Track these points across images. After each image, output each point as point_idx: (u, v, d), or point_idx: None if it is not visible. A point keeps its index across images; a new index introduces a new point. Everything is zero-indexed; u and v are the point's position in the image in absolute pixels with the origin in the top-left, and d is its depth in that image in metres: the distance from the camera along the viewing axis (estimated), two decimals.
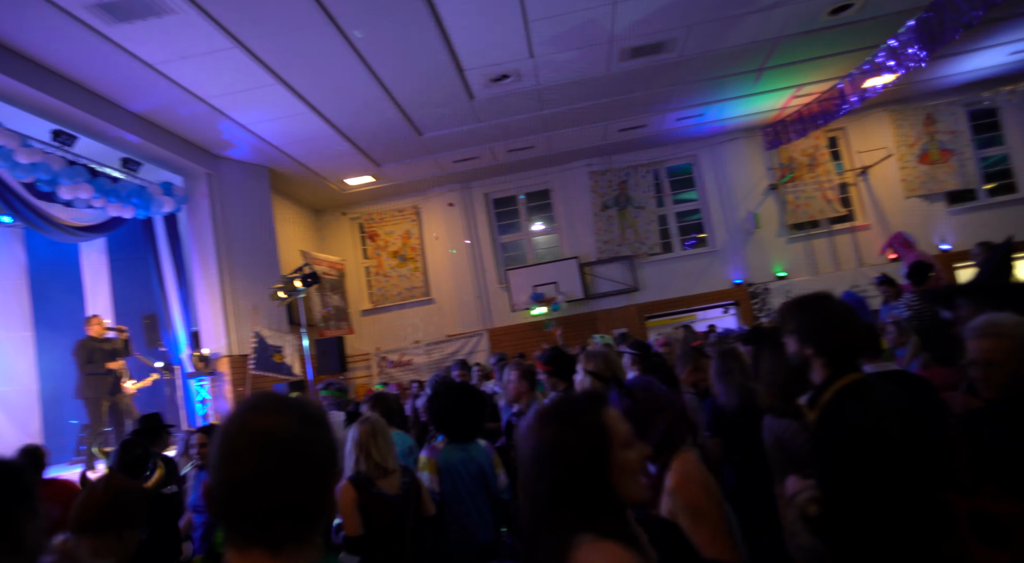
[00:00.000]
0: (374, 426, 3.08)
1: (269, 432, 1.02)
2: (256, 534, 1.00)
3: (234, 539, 1.02)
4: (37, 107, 6.80)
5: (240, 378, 8.96)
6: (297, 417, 1.05)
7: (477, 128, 10.16)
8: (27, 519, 1.27)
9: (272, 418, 1.04)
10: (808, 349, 2.09)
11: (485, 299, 12.62)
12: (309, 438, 1.04)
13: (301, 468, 1.03)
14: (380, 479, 2.99)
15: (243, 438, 1.02)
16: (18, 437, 9.26)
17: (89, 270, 9.78)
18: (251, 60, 6.97)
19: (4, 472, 1.29)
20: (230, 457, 1.02)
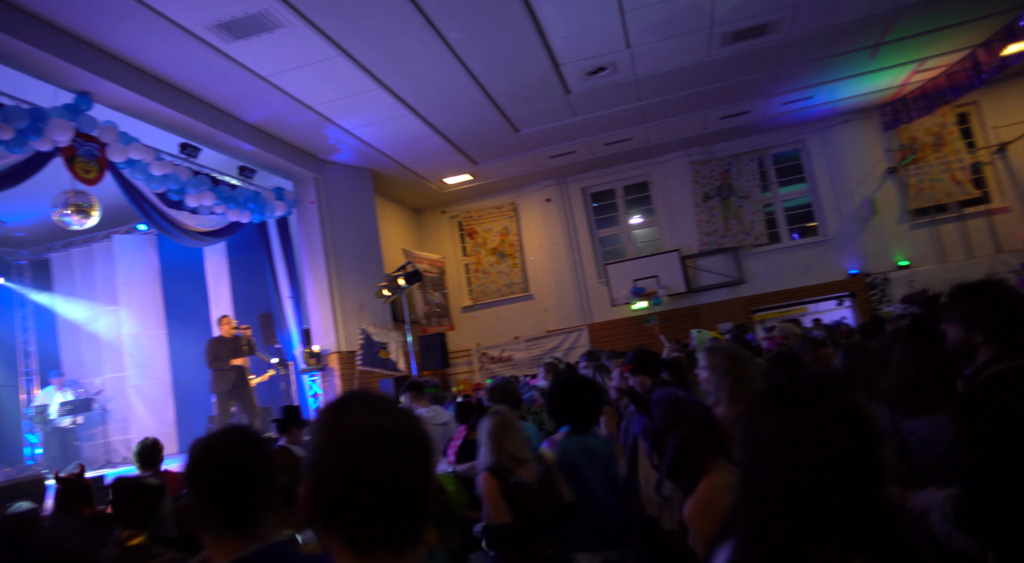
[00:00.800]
0: (504, 418, 3.11)
1: (386, 428, 0.98)
2: (379, 536, 0.95)
3: (353, 544, 0.95)
4: (167, 123, 7.35)
5: (349, 373, 9.34)
6: (401, 412, 1.02)
7: (573, 122, 10.06)
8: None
9: (381, 415, 1.00)
10: (978, 336, 1.99)
11: (584, 294, 12.51)
12: (420, 431, 1.02)
13: (424, 462, 1.00)
14: (517, 468, 3.02)
15: (362, 435, 0.97)
16: (155, 426, 10.13)
17: (212, 272, 10.51)
18: (354, 67, 7.22)
19: (255, 442, 1.37)
20: (349, 455, 0.96)
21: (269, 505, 1.33)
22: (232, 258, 10.39)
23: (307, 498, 0.96)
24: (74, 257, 11.38)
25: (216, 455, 1.35)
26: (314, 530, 0.98)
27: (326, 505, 0.95)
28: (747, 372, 2.70)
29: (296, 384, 9.51)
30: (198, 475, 1.34)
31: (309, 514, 0.96)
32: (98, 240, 10.95)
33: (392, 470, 0.95)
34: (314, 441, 0.99)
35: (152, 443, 4.22)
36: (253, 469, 1.34)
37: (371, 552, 0.95)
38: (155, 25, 5.93)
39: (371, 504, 0.94)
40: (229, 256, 10.39)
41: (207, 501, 1.31)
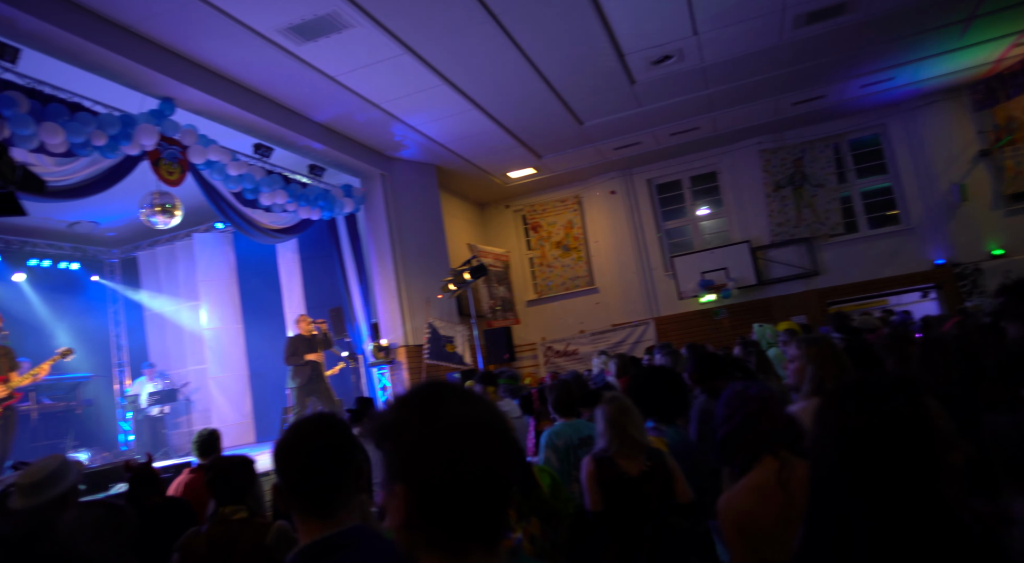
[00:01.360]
0: (622, 403, 3.10)
1: (482, 420, 0.96)
2: (476, 532, 0.92)
3: (447, 542, 0.92)
4: (242, 124, 7.62)
5: (416, 367, 9.50)
6: (489, 404, 1.00)
7: (638, 113, 9.88)
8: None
9: (476, 407, 0.97)
10: None
11: (650, 287, 12.31)
12: (508, 423, 1.00)
13: (513, 456, 0.98)
14: (623, 459, 3.00)
15: (463, 428, 0.94)
16: (234, 417, 10.58)
17: (284, 268, 10.88)
18: (419, 64, 7.29)
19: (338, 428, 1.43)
20: (452, 448, 0.93)
21: (349, 490, 1.36)
22: (303, 254, 10.71)
23: (403, 495, 0.92)
24: (159, 255, 11.99)
25: (300, 441, 1.39)
26: (402, 530, 0.94)
27: (425, 501, 0.92)
28: (834, 368, 2.58)
29: (365, 377, 9.74)
30: (283, 460, 1.39)
31: (404, 512, 0.92)
32: (180, 238, 11.50)
33: (490, 464, 0.93)
34: (407, 434, 0.94)
35: (209, 434, 4.33)
36: (333, 455, 1.37)
37: (465, 550, 0.92)
38: (231, 31, 6.15)
39: (472, 499, 0.92)
40: (300, 252, 10.72)
41: (290, 485, 1.35)
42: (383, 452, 0.97)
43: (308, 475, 1.35)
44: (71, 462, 2.72)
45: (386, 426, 0.97)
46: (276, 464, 1.41)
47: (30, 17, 5.10)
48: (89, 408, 10.84)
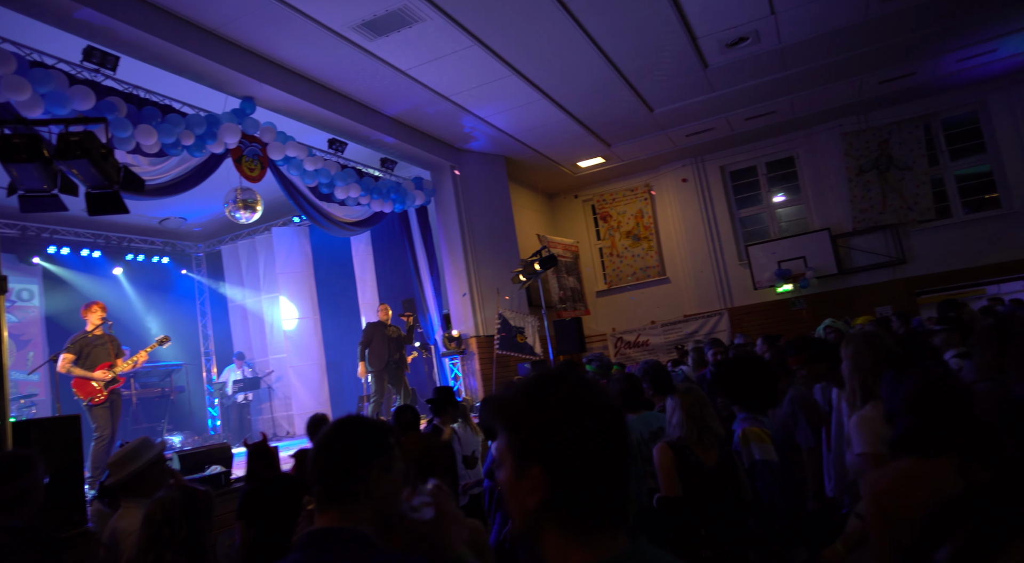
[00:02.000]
0: (699, 394, 3.09)
1: (611, 406, 0.97)
2: (607, 515, 0.94)
3: (579, 525, 0.94)
4: (317, 120, 7.84)
5: (487, 357, 9.57)
6: (605, 389, 1.00)
7: (712, 98, 9.59)
8: (380, 471, 1.47)
9: (602, 393, 0.98)
10: None
11: (724, 277, 11.98)
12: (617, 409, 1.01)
13: (624, 441, 0.99)
14: (699, 448, 2.99)
15: (598, 413, 0.95)
16: (312, 404, 10.95)
17: (358, 260, 11.16)
18: (488, 55, 7.30)
19: (367, 428, 1.52)
20: (590, 432, 0.94)
21: (356, 491, 1.43)
22: (376, 247, 10.95)
23: (541, 477, 0.93)
24: (240, 249, 12.53)
25: (321, 439, 1.50)
26: (533, 511, 0.95)
27: (560, 483, 0.93)
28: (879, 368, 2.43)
29: (437, 367, 9.89)
30: (312, 452, 1.51)
31: (542, 493, 0.93)
32: (259, 233, 11.97)
33: (620, 447, 0.96)
34: (545, 418, 0.95)
35: (320, 418, 4.54)
36: (353, 455, 1.46)
37: (593, 530, 0.94)
38: (306, 29, 6.32)
39: (604, 481, 0.94)
40: (373, 245, 10.96)
41: (312, 476, 1.47)
42: (509, 436, 0.99)
43: (314, 468, 1.48)
44: (152, 442, 2.89)
45: (519, 410, 0.98)
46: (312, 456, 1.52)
47: (128, 27, 5.40)
48: (181, 394, 11.47)
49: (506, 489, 0.99)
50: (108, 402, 6.43)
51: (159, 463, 2.83)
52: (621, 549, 0.94)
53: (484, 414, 1.11)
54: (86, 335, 6.61)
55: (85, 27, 5.38)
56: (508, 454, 0.99)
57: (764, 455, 3.02)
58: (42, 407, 9.63)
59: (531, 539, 0.97)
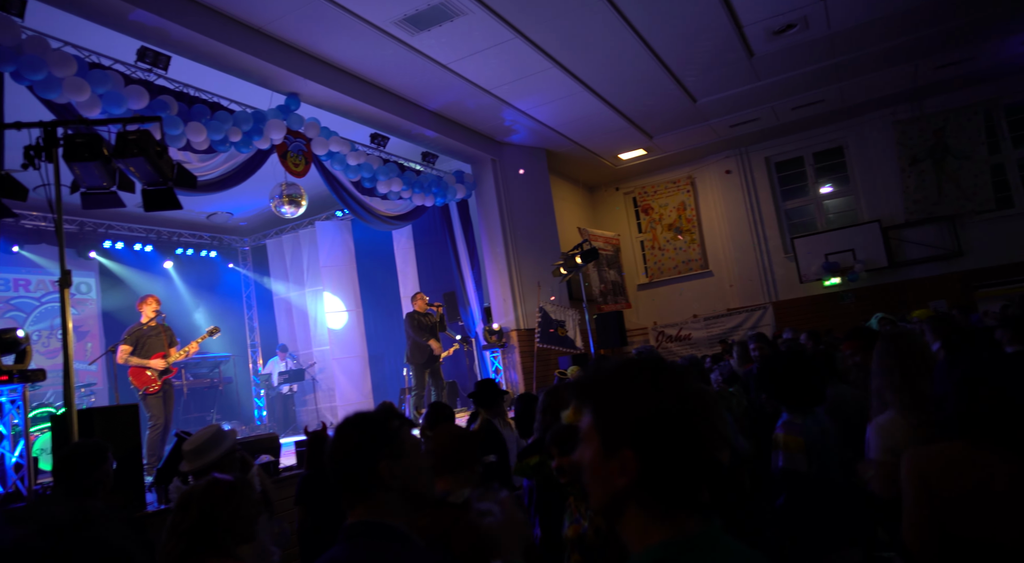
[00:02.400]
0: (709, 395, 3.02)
1: (702, 394, 1.01)
2: (694, 496, 0.97)
3: (666, 506, 0.97)
4: (360, 115, 7.93)
5: (528, 350, 9.58)
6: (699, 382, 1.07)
7: (757, 87, 9.37)
8: (389, 461, 1.49)
9: (693, 381, 1.03)
10: None
11: (768, 270, 11.74)
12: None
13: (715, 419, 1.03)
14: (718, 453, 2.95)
15: (693, 398, 1.00)
16: (355, 396, 11.12)
17: (400, 254, 11.27)
18: (529, 47, 7.27)
19: (367, 422, 1.56)
20: (687, 416, 0.98)
21: (372, 485, 1.47)
22: (417, 240, 11.04)
23: (633, 460, 0.96)
24: (284, 242, 12.77)
25: (339, 431, 1.55)
26: (619, 494, 0.98)
27: (651, 467, 0.96)
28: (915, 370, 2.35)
29: (478, 360, 9.94)
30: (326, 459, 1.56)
31: (632, 476, 0.97)
32: (303, 227, 12.18)
33: (711, 435, 0.99)
34: (640, 403, 0.98)
35: (319, 434, 4.58)
36: (358, 453, 1.50)
37: (675, 512, 0.97)
38: (349, 25, 6.38)
39: (694, 467, 0.96)
40: (415, 238, 11.05)
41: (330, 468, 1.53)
42: (599, 416, 1.01)
43: (331, 465, 1.54)
44: (226, 431, 2.98)
45: (613, 391, 1.01)
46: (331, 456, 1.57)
47: (180, 27, 5.54)
48: (229, 385, 11.78)
49: (589, 468, 1.02)
50: (161, 392, 6.65)
51: (232, 453, 2.92)
52: (699, 529, 0.97)
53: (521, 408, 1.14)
54: (141, 327, 6.83)
55: (139, 28, 5.54)
56: (595, 434, 1.01)
57: (789, 463, 2.91)
58: (100, 396, 10.00)
59: (611, 517, 1.01)
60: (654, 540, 0.96)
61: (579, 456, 1.05)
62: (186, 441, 2.95)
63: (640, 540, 0.98)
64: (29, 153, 3.50)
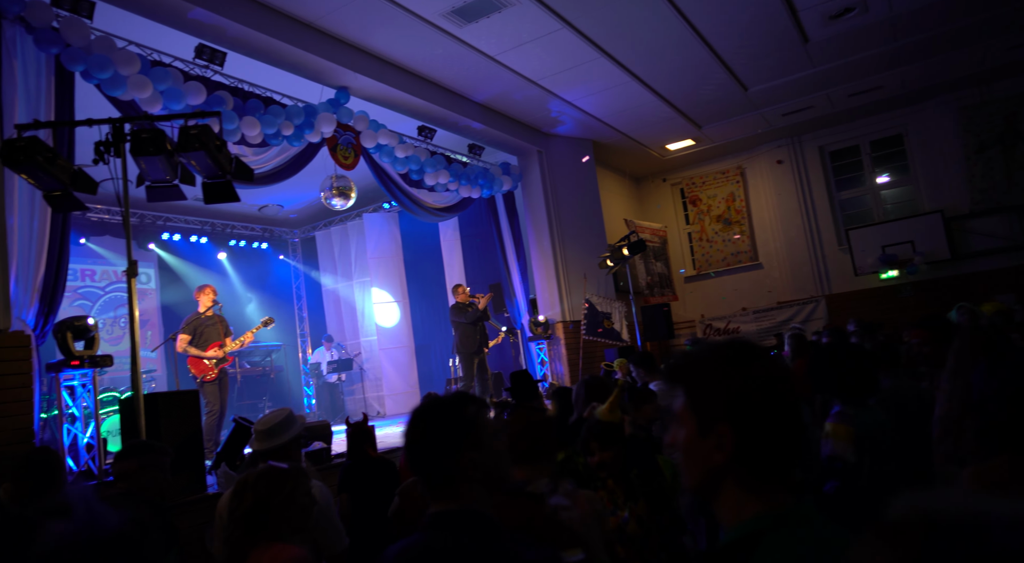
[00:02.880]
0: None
1: (788, 375, 1.06)
2: (786, 469, 1.02)
3: (759, 479, 1.02)
4: (408, 108, 7.99)
5: (574, 342, 9.56)
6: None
7: (811, 74, 9.10)
8: (471, 452, 1.47)
9: (780, 362, 1.08)
10: None
11: (821, 263, 11.42)
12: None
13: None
14: None
15: (784, 378, 1.06)
16: (401, 386, 11.28)
17: (446, 245, 11.35)
18: (577, 37, 7.20)
19: (445, 411, 1.52)
20: (780, 394, 1.04)
21: (455, 478, 1.43)
22: (464, 232, 11.10)
23: (730, 434, 1.01)
24: (333, 234, 13.00)
25: (416, 421, 1.49)
26: (715, 469, 1.03)
27: (749, 442, 1.01)
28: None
29: (524, 352, 9.96)
30: (403, 453, 1.51)
31: (729, 449, 1.01)
32: (351, 219, 12.38)
33: (796, 411, 1.05)
34: (737, 382, 1.03)
35: (359, 426, 4.64)
36: (438, 447, 1.46)
37: (769, 488, 1.02)
38: (398, 18, 6.43)
39: (783, 442, 1.02)
40: (461, 230, 11.11)
41: (408, 459, 1.48)
42: (694, 395, 1.06)
43: (414, 452, 1.48)
44: (296, 415, 3.06)
45: (708, 370, 1.06)
46: (407, 442, 1.52)
47: (236, 24, 5.68)
48: (279, 374, 12.09)
49: (684, 448, 1.07)
50: (218, 379, 6.86)
51: (299, 439, 3.00)
52: (791, 504, 1.01)
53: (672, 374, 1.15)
54: (199, 316, 7.06)
55: (197, 26, 5.70)
56: (690, 414, 1.06)
57: (836, 451, 2.84)
58: (159, 382, 10.39)
59: (706, 495, 1.05)
60: (748, 514, 1.00)
61: (673, 437, 1.10)
62: (259, 421, 3.02)
63: (735, 515, 1.02)
64: (99, 149, 3.65)
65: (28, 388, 4.23)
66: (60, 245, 4.81)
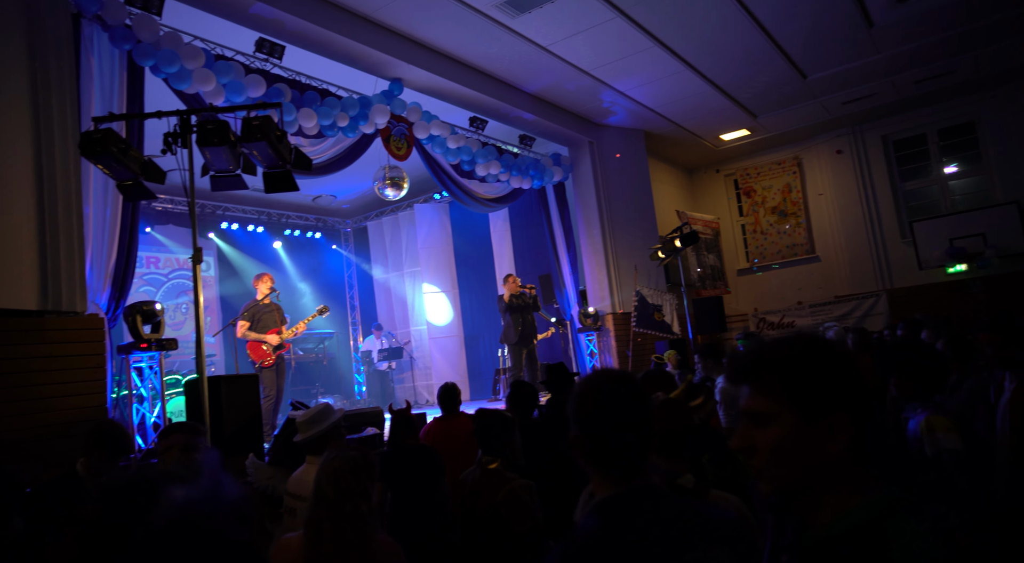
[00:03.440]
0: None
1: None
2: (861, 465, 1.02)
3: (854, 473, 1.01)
4: (460, 99, 8.03)
5: (624, 334, 9.48)
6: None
7: (876, 60, 8.75)
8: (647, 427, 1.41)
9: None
10: None
11: (882, 256, 11.02)
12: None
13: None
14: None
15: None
16: (451, 375, 11.39)
17: (496, 236, 11.39)
18: (631, 26, 7.10)
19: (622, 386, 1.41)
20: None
21: (643, 449, 1.35)
22: (514, 223, 11.11)
23: (849, 423, 1.01)
24: (384, 224, 13.20)
25: (599, 395, 1.38)
26: (828, 461, 1.01)
27: (862, 428, 1.02)
28: None
29: (574, 343, 9.94)
30: (584, 412, 1.38)
31: (846, 441, 1.01)
32: (402, 209, 12.54)
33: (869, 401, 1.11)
34: (834, 367, 1.03)
35: (451, 387, 4.66)
36: (632, 413, 1.36)
37: (862, 475, 1.03)
38: (452, 10, 6.46)
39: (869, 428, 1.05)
40: (511, 221, 11.13)
41: (588, 438, 1.35)
42: (789, 386, 1.02)
43: (602, 428, 1.35)
44: (334, 408, 3.17)
45: (805, 360, 1.03)
46: (575, 414, 1.39)
47: (294, 17, 5.81)
48: (332, 361, 12.37)
49: (778, 445, 1.01)
50: (275, 365, 7.07)
51: (338, 427, 3.10)
52: (884, 492, 0.99)
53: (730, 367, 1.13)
54: (257, 303, 7.27)
55: (258, 20, 5.84)
56: (786, 409, 1.01)
57: (952, 444, 2.74)
58: (218, 366, 10.77)
59: (800, 490, 1.01)
60: (853, 503, 0.98)
61: (758, 438, 1.03)
62: (299, 414, 3.17)
63: (838, 506, 0.99)
64: (168, 140, 3.79)
65: (102, 368, 4.45)
66: (130, 233, 5.03)
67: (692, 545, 1.22)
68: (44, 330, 4.25)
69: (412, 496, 3.58)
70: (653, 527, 1.24)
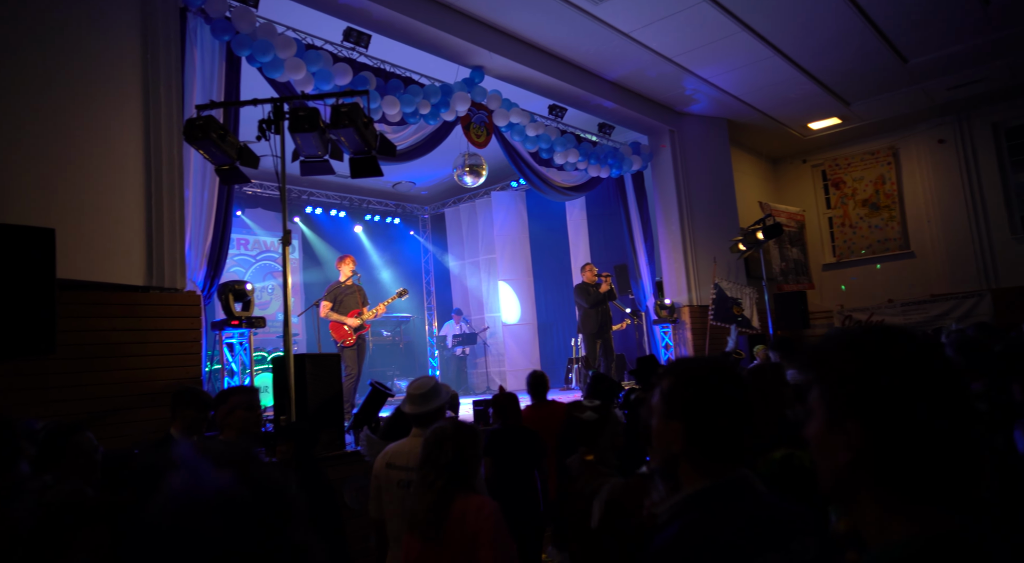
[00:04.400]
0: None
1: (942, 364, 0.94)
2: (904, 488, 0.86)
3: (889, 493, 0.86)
4: (540, 86, 8.02)
5: (700, 327, 9.28)
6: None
7: (989, 42, 8.14)
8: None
9: (928, 348, 0.93)
10: None
11: (987, 252, 10.28)
12: None
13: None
14: None
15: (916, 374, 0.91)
16: (524, 362, 11.47)
17: (572, 225, 11.34)
18: (717, 11, 6.89)
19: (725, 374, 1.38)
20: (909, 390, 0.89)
21: (745, 440, 1.31)
22: (590, 212, 11.03)
23: (857, 433, 0.91)
24: (461, 211, 13.37)
25: (705, 385, 1.34)
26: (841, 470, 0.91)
27: (881, 442, 0.87)
28: None
29: (648, 335, 9.81)
30: (686, 401, 1.35)
31: (854, 451, 0.91)
32: (480, 196, 12.66)
33: (959, 413, 0.88)
34: (862, 369, 0.90)
35: (539, 375, 4.78)
36: (736, 403, 1.32)
37: (919, 503, 0.87)
38: None
39: (936, 447, 0.84)
40: (588, 210, 11.05)
41: (692, 429, 1.31)
42: (822, 385, 0.94)
43: (708, 419, 1.31)
44: (443, 384, 3.24)
45: (838, 359, 0.93)
46: (670, 404, 1.35)
47: (381, 7, 5.94)
48: (408, 344, 12.68)
49: (815, 444, 0.95)
50: (356, 345, 7.31)
51: (443, 408, 3.19)
52: (954, 526, 0.81)
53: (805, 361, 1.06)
54: (340, 285, 7.53)
55: (346, 10, 6.01)
56: (821, 406, 0.94)
57: None
58: (300, 345, 11.22)
59: (842, 501, 0.91)
60: (897, 534, 0.83)
61: (808, 431, 0.97)
62: (412, 385, 3.14)
63: (877, 531, 0.86)
64: (262, 126, 3.98)
65: (198, 343, 4.74)
66: (225, 215, 5.31)
67: (789, 535, 1.19)
68: (148, 304, 4.56)
69: (514, 473, 3.90)
70: (754, 517, 1.22)
